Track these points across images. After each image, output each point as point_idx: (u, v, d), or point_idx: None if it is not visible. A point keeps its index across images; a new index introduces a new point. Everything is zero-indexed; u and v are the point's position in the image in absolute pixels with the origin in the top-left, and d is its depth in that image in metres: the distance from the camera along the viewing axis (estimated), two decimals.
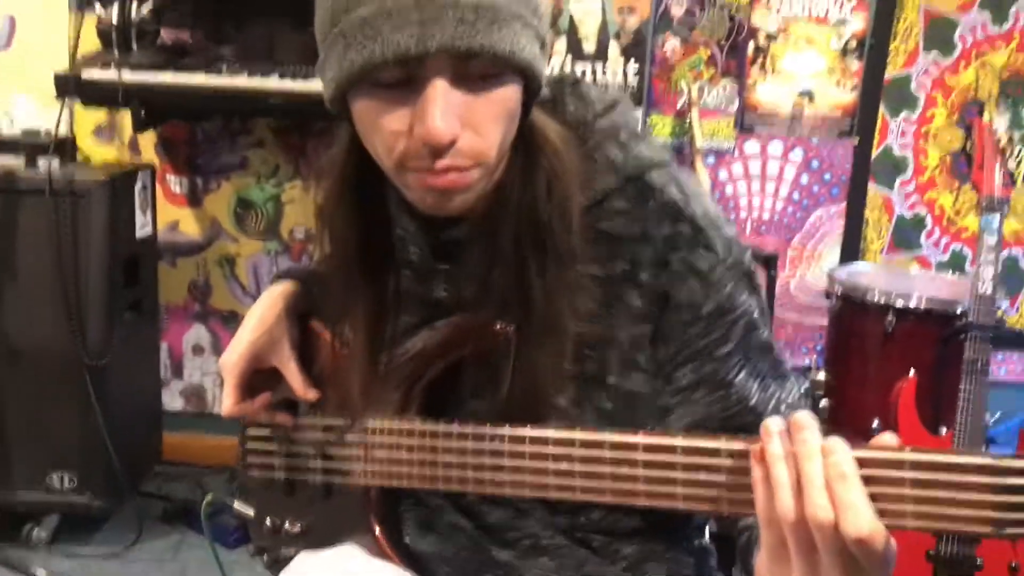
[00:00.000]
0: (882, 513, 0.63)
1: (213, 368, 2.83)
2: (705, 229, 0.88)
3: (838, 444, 0.65)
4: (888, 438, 0.65)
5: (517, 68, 0.79)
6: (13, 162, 2.24)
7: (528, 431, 0.83)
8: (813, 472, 0.64)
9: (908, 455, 0.63)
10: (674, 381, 0.90)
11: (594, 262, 0.90)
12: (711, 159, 2.70)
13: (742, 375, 0.90)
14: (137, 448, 2.54)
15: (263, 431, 1.09)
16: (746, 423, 0.89)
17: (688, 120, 2.57)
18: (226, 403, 1.03)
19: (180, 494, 2.61)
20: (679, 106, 2.66)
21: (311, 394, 1.03)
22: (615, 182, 0.90)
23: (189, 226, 2.77)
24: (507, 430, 0.84)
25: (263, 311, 1.04)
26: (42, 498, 2.33)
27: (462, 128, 0.78)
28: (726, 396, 0.90)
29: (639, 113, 2.62)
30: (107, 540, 2.40)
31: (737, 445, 0.72)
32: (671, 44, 2.64)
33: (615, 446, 0.78)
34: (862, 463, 0.64)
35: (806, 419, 0.66)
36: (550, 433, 0.82)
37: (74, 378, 2.24)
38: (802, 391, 0.95)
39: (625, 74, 2.65)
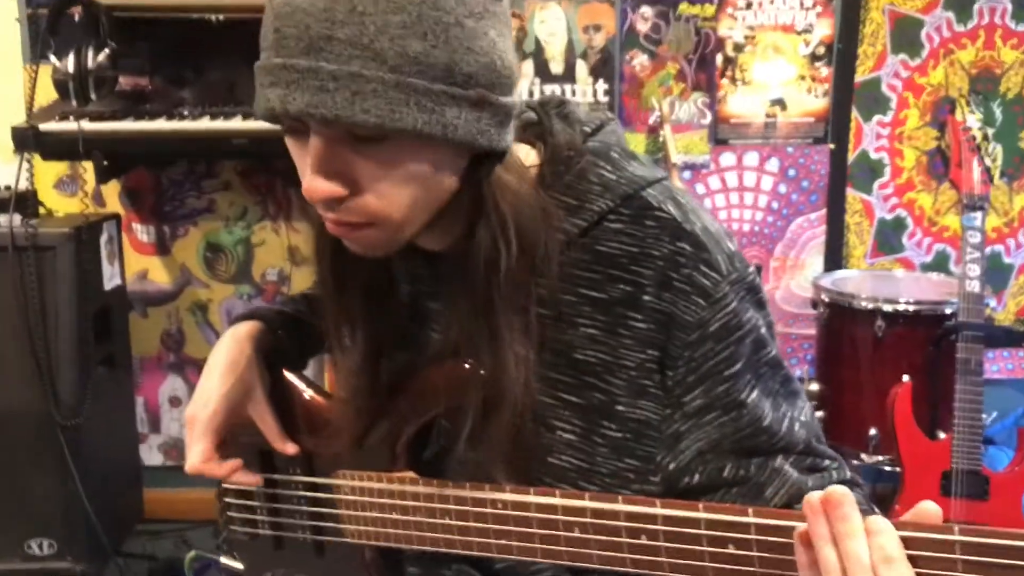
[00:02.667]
0: None
1: None
2: (706, 245, 0.85)
3: (883, 524, 0.63)
4: (930, 508, 0.64)
5: (398, 136, 0.74)
6: None
7: (532, 497, 0.80)
8: (859, 552, 0.63)
9: (958, 536, 0.61)
10: (684, 406, 0.86)
11: (593, 285, 0.87)
12: (687, 174, 2.67)
13: (754, 395, 0.86)
14: (118, 507, 2.48)
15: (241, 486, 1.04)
16: (759, 444, 0.86)
17: (661, 136, 2.54)
18: (194, 457, 0.96)
19: (165, 552, 2.55)
20: (651, 122, 2.64)
21: (290, 448, 0.98)
22: (610, 202, 0.87)
23: (158, 275, 2.72)
24: (508, 495, 0.81)
25: (232, 356, 0.98)
26: (21, 567, 2.25)
27: (355, 187, 0.77)
28: (738, 417, 0.86)
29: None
30: None
31: (767, 519, 0.69)
32: (639, 60, 2.62)
33: (631, 517, 0.75)
34: (907, 543, 0.62)
35: (843, 494, 0.64)
36: (558, 500, 0.79)
37: (48, 439, 2.18)
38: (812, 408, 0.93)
39: (595, 93, 2.62)
